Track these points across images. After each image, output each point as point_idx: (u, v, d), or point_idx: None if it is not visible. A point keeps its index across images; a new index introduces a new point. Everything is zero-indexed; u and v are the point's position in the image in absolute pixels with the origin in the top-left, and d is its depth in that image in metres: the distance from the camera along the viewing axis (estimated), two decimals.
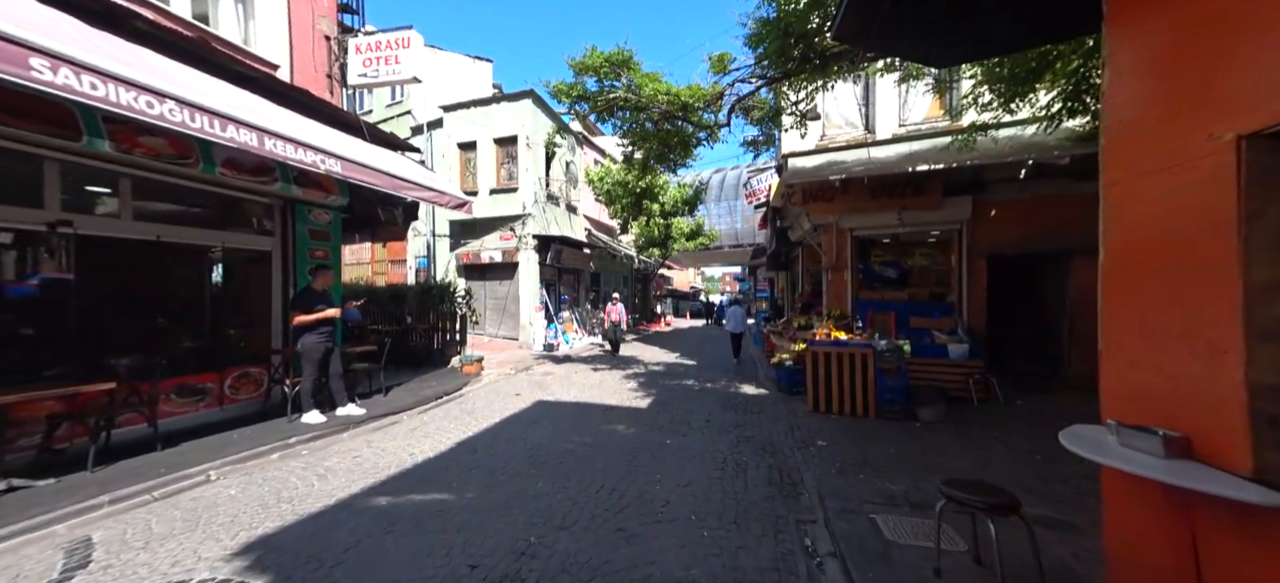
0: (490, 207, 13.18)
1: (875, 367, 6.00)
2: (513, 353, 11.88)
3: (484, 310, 14.11)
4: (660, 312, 31.50)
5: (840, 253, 8.54)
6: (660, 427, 5.63)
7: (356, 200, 6.48)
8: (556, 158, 14.80)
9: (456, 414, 6.03)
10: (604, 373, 9.60)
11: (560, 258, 14.13)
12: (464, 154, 13.62)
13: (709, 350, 14.13)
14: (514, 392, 7.38)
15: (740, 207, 31.57)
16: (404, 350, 8.09)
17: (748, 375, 9.62)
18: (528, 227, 13.06)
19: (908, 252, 10.99)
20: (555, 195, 14.38)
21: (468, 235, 13.91)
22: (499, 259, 13.28)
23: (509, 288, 13.59)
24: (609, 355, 12.13)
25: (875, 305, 8.17)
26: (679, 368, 10.55)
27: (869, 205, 7.65)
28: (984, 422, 5.48)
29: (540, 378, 8.79)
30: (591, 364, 10.78)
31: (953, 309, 7.62)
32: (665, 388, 8.09)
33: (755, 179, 8.59)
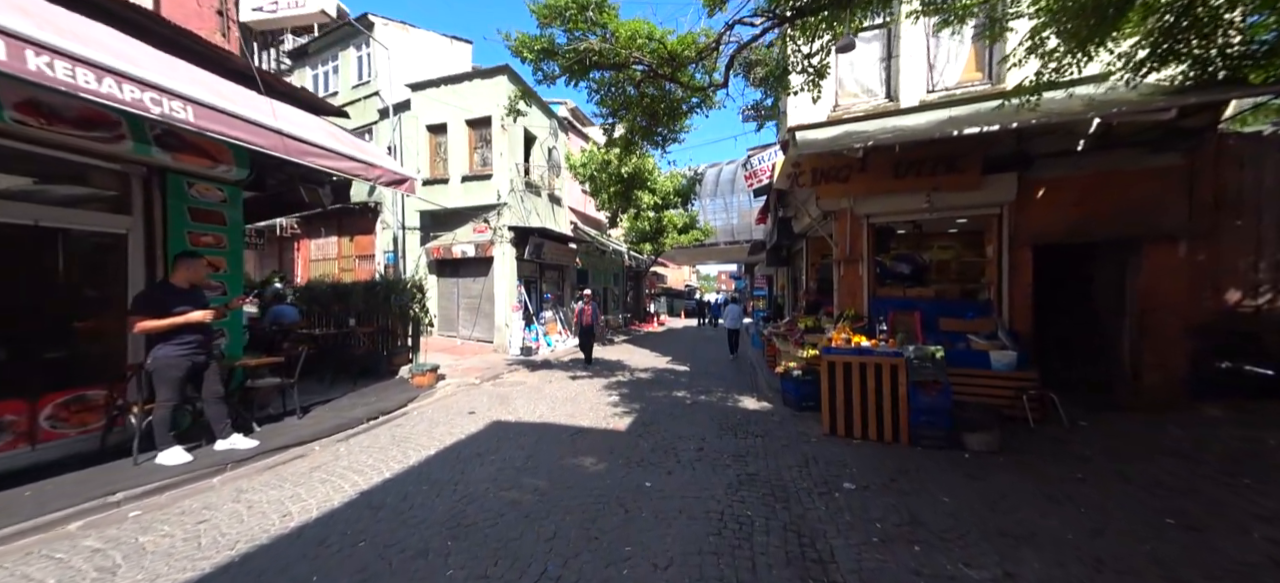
0: (463, 196, 11.91)
1: (908, 380, 4.83)
2: (485, 358, 10.63)
3: (456, 310, 12.85)
4: (654, 311, 30.32)
5: (854, 244, 7.36)
6: (639, 460, 4.42)
7: (266, 174, 5.22)
8: (538, 144, 13.54)
9: (385, 443, 4.79)
10: (583, 382, 8.39)
11: (541, 253, 12.89)
12: (433, 137, 12.34)
13: (703, 353, 12.93)
14: (468, 409, 6.14)
15: (736, 202, 30.46)
16: (346, 359, 6.83)
17: (746, 383, 8.44)
18: (503, 218, 11.80)
19: (923, 244, 9.87)
20: (535, 184, 13.13)
21: (439, 227, 12.64)
22: (472, 254, 12.02)
23: (483, 285, 12.34)
24: (584, 364, 10.89)
25: (896, 304, 7.00)
26: (669, 375, 9.34)
27: (892, 186, 6.47)
28: (1052, 453, 4.31)
29: (507, 390, 7.55)
30: (570, 371, 9.56)
31: (990, 308, 6.45)
32: (651, 402, 6.89)
33: (756, 158, 7.43)
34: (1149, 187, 5.37)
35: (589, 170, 11.34)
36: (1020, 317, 6.16)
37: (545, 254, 13.24)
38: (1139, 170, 5.40)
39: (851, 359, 5.13)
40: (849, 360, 5.14)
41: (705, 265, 45.86)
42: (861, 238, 7.38)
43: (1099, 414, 5.26)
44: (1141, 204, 5.40)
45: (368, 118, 13.74)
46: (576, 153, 11.70)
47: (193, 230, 4.51)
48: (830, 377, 5.22)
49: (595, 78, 6.12)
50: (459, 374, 8.50)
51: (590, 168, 11.27)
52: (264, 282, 8.17)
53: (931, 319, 6.58)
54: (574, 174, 11.64)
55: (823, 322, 8.05)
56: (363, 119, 13.91)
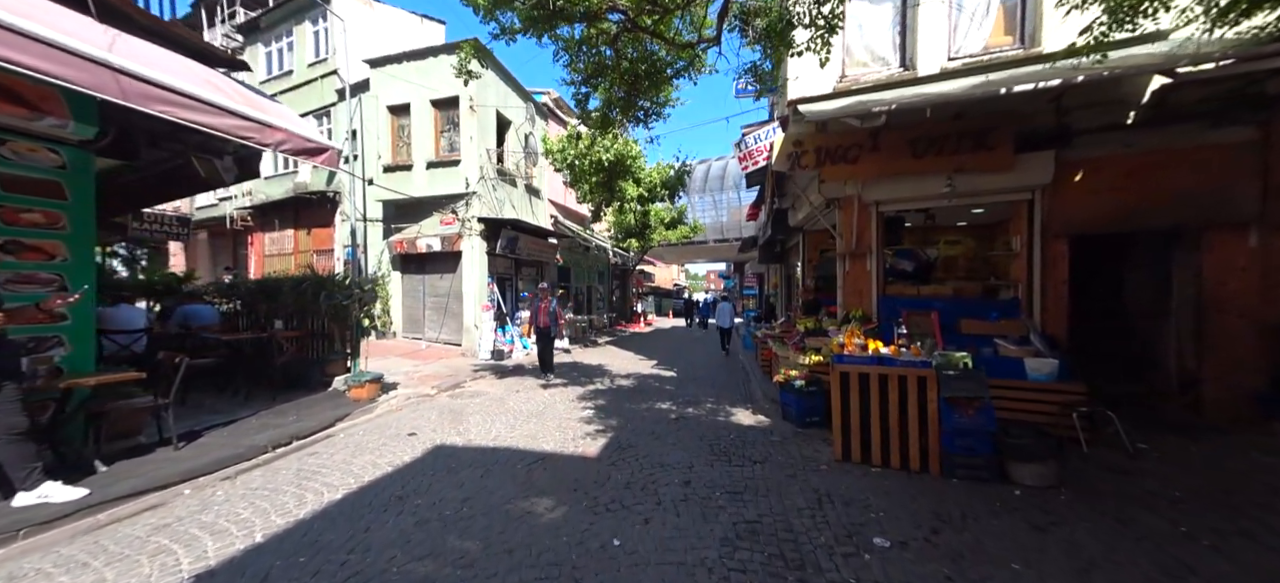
0: (428, 184, 10.80)
1: (938, 397, 3.96)
2: (450, 363, 9.56)
3: (422, 310, 11.72)
4: (640, 310, 29.38)
5: (862, 235, 6.51)
6: (609, 502, 3.47)
7: (134, 137, 4.11)
8: (514, 131, 12.48)
9: (284, 482, 3.75)
10: (555, 392, 7.39)
11: (515, 247, 11.84)
12: (395, 120, 11.19)
13: (691, 356, 12.02)
14: (409, 430, 5.10)
15: (726, 199, 29.70)
16: (267, 370, 5.72)
17: (739, 391, 7.54)
18: (472, 208, 10.73)
19: (927, 239, 9.09)
20: (509, 173, 12.07)
21: (403, 219, 11.51)
22: (438, 248, 10.91)
23: (451, 283, 11.24)
24: (562, 369, 9.91)
25: (909, 303, 6.16)
26: (653, 382, 8.40)
27: (907, 168, 5.61)
28: (1127, 491, 3.47)
29: (464, 403, 6.52)
30: (543, 379, 8.55)
31: (1017, 309, 5.64)
32: (631, 416, 5.93)
33: (751, 137, 6.54)
34: (1212, 166, 4.59)
35: (567, 157, 10.36)
36: (1054, 318, 5.35)
37: (521, 249, 12.19)
38: (1199, 147, 4.62)
39: (870, 370, 4.24)
40: (866, 371, 4.25)
41: (694, 264, 45.13)
42: (870, 228, 6.53)
43: (1154, 434, 4.46)
44: (1203, 187, 4.61)
45: (325, 99, 12.52)
46: (555, 139, 10.71)
47: (7, 205, 3.41)
48: (843, 391, 4.32)
49: (564, 34, 5.13)
50: (414, 383, 7.44)
51: (569, 154, 10.28)
52: (164, 279, 6.97)
53: (949, 321, 5.74)
54: (551, 161, 10.65)
55: (825, 323, 7.19)
56: (320, 100, 12.68)
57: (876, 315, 6.44)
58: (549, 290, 7.94)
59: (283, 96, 13.17)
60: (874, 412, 4.20)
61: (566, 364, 10.49)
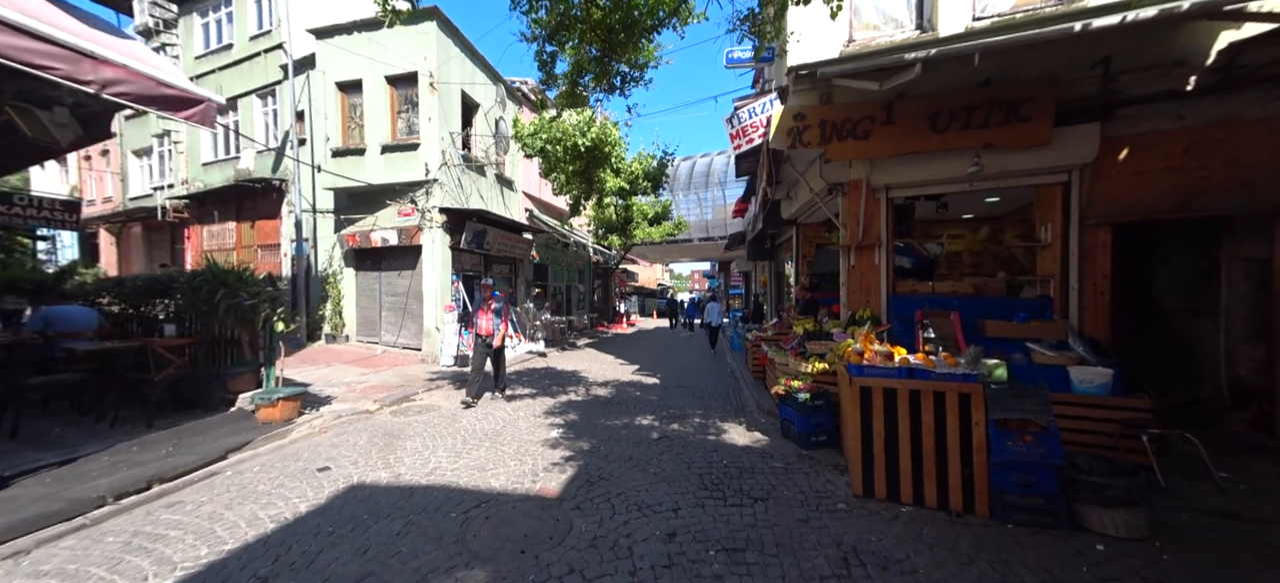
0: (383, 170, 9.65)
1: (986, 419, 3.15)
2: (406, 370, 8.47)
3: (378, 311, 10.55)
4: (624, 311, 28.46)
5: (870, 224, 5.72)
6: (564, 574, 2.54)
7: None
8: (483, 115, 11.40)
9: (108, 555, 2.70)
10: (519, 406, 6.41)
11: (483, 242, 10.78)
12: (346, 98, 10.01)
13: (676, 360, 11.16)
14: (323, 462, 4.07)
15: (710, 197, 29.04)
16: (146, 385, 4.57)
17: (729, 400, 6.69)
18: (434, 197, 9.64)
19: (930, 232, 8.41)
20: (477, 161, 11.00)
21: (357, 209, 10.32)
22: (394, 241, 9.78)
23: (410, 281, 10.12)
24: (533, 376, 8.95)
25: (925, 302, 5.39)
26: (634, 391, 7.48)
27: (927, 144, 4.82)
28: (1236, 540, 2.70)
29: (406, 422, 5.49)
30: (509, 388, 7.55)
31: (1048, 308, 4.92)
32: (605, 437, 5.01)
33: (745, 111, 5.70)
34: None
35: (539, 142, 9.38)
36: (1093, 319, 4.63)
37: (489, 244, 11.13)
38: (1273, 119, 3.93)
39: (898, 384, 3.41)
40: (893, 386, 3.42)
41: (678, 264, 44.45)
42: (878, 217, 5.74)
43: (1228, 459, 3.74)
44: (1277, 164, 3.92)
45: (270, 76, 11.23)
46: (527, 122, 9.71)
47: None
48: (864, 409, 3.48)
49: None
50: (355, 396, 6.36)
51: (541, 139, 9.31)
52: (30, 276, 5.71)
53: (969, 322, 4.97)
54: (522, 147, 9.66)
55: (826, 325, 6.39)
56: (265, 77, 11.38)
57: (886, 316, 5.66)
58: (492, 285, 6.93)
59: (222, 74, 11.83)
60: (903, 436, 3.37)
61: (539, 370, 9.50)
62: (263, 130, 11.59)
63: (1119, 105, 4.31)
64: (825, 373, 5.21)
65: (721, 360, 11.29)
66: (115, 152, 14.90)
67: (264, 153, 11.22)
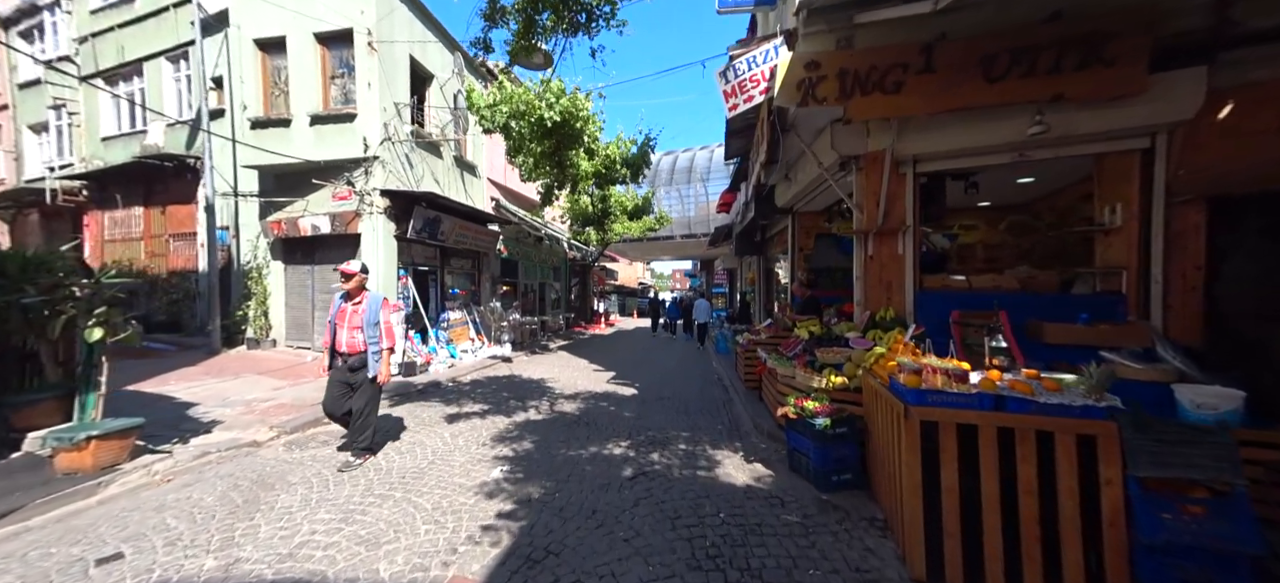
0: (314, 145, 8.17)
1: (1123, 475, 2.08)
2: None
3: (311, 311, 9.06)
4: (603, 310, 27.23)
5: (893, 205, 4.69)
6: None
7: None
8: (438, 88, 10.00)
9: None
10: (460, 429, 5.14)
11: (438, 232, 9.40)
12: (268, 59, 8.47)
13: (658, 366, 10.01)
14: (115, 545, 2.73)
15: (693, 193, 28.06)
16: None
17: (721, 418, 5.56)
18: (374, 178, 8.22)
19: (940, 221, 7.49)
20: (428, 138, 9.60)
21: (286, 192, 8.80)
22: (327, 229, 8.31)
23: None
24: (491, 387, 7.69)
25: (963, 300, 4.37)
26: (607, 406, 6.29)
27: (978, 95, 3.78)
28: None
29: (295, 462, 4.17)
30: (456, 404, 6.27)
31: (1119, 305, 3.95)
32: (564, 478, 3.81)
33: (743, 61, 4.56)
34: None
35: (500, 116, 8.09)
36: (1182, 321, 3.68)
37: (445, 234, 9.75)
38: None
39: (982, 419, 2.32)
40: (974, 420, 2.33)
41: (659, 262, 43.43)
42: (903, 196, 4.71)
43: None
44: None
45: (181, 35, 9.56)
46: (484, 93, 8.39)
47: None
48: (927, 453, 2.39)
49: None
50: (248, 420, 4.98)
51: (502, 112, 8.01)
52: None
53: (1020, 321, 3.97)
54: (480, 121, 8.35)
55: (837, 327, 5.33)
56: (175, 37, 9.70)
57: (912, 316, 4.63)
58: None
59: (124, 33, 10.08)
60: (988, 497, 2.29)
61: (499, 379, 8.21)
62: (175, 100, 9.90)
63: (1227, 46, 3.34)
64: (843, 389, 4.13)
65: (706, 363, 10.22)
66: (9, 126, 12.84)
67: (176, 126, 9.55)
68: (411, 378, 7.82)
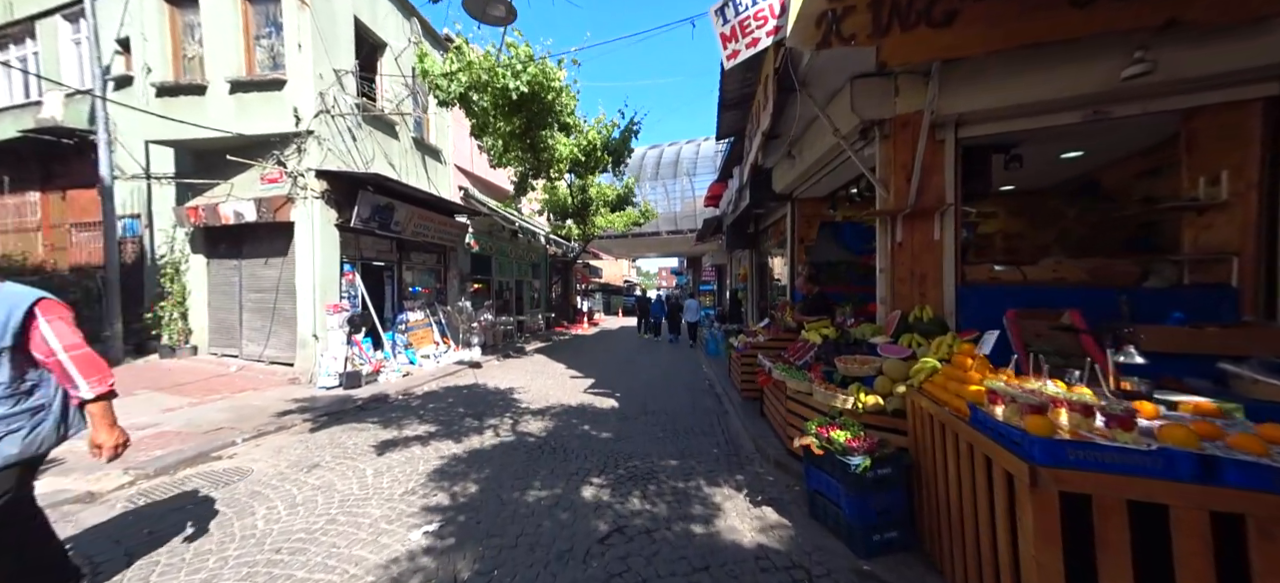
0: (234, 116, 6.92)
1: None
2: (258, 397, 5.88)
3: (238, 313, 7.79)
4: (587, 309, 26.13)
5: (929, 179, 3.80)
6: None
7: None
8: (392, 57, 8.80)
9: None
10: (390, 461, 4.07)
11: (391, 221, 8.23)
12: (178, 13, 7.15)
13: (643, 371, 9.03)
14: None
15: (679, 188, 27.13)
16: None
17: (716, 438, 4.59)
18: (309, 156, 7.03)
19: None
20: (380, 114, 8.42)
21: (208, 173, 7.51)
22: (252, 217, 7.07)
23: (279, 271, 7.44)
24: (448, 400, 6.64)
25: (1019, 296, 3.49)
26: (580, 425, 5.27)
27: (1059, 25, 2.87)
28: None
29: (112, 533, 3.05)
30: (397, 424, 5.17)
31: (1228, 300, 3.10)
32: (512, 536, 2.80)
33: None
34: None
35: (457, 86, 6.94)
36: None
37: (401, 224, 8.58)
38: None
39: (1175, 493, 1.36)
40: (1160, 494, 1.38)
41: (645, 259, 42.49)
42: (941, 168, 3.81)
43: None
44: None
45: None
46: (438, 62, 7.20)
47: None
48: (1074, 538, 1.43)
49: None
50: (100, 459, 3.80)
51: (460, 81, 6.86)
52: None
53: (1094, 321, 3.10)
54: (434, 93, 7.21)
55: (854, 331, 4.41)
56: None
57: (955, 317, 3.74)
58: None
59: None
60: None
61: (459, 389, 7.12)
62: (75, 66, 8.49)
63: None
64: (878, 412, 3.20)
65: (696, 367, 9.29)
66: None
67: (78, 97, 8.16)
68: (353, 391, 6.68)
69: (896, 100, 3.94)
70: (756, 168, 6.75)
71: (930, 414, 2.53)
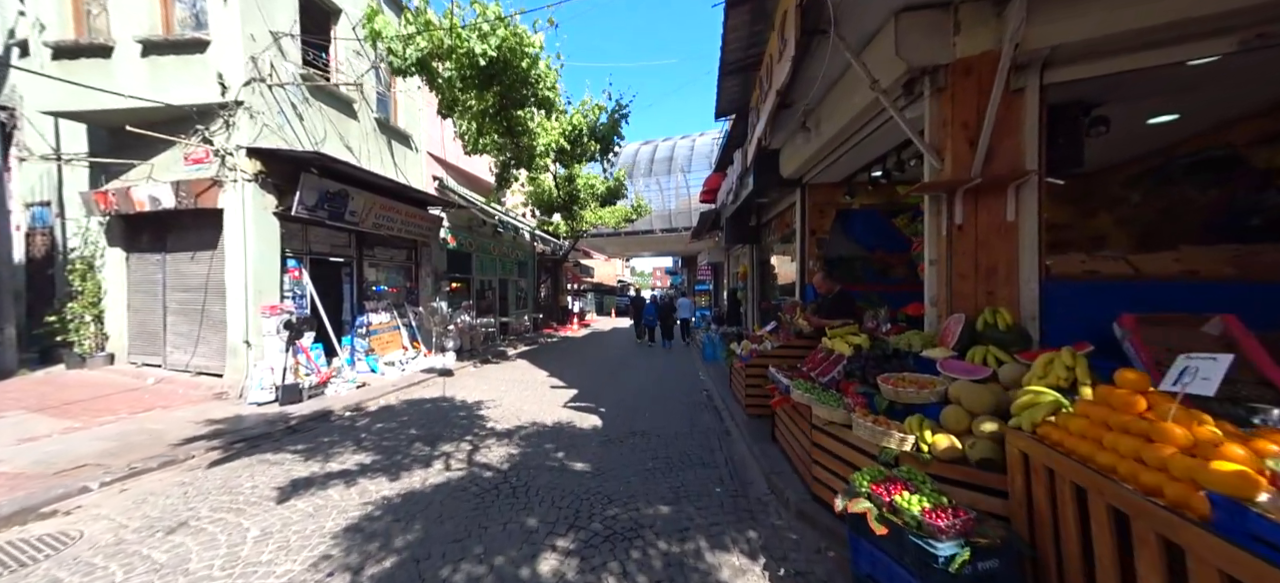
0: (148, 81, 5.85)
1: None
2: (165, 417, 4.85)
3: (162, 316, 6.72)
4: (578, 309, 25.11)
5: (1002, 140, 2.87)
6: None
7: None
8: (350, 26, 7.76)
9: None
10: (295, 510, 3.07)
11: (346, 211, 7.19)
12: None
13: (633, 378, 8.05)
14: None
15: (673, 185, 26.21)
16: None
17: (713, 465, 3.62)
18: (239, 132, 5.98)
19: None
20: (333, 89, 7.39)
21: (126, 152, 6.44)
22: (170, 202, 6.01)
23: (207, 267, 6.39)
24: (401, 419, 5.67)
25: (1134, 297, 2.56)
26: (553, 453, 4.28)
27: None
28: None
29: None
30: (324, 454, 4.16)
31: None
32: None
33: None
34: None
35: (416, 51, 5.93)
36: None
37: (358, 214, 7.55)
38: None
39: None
40: None
41: (639, 258, 41.53)
42: (1020, 127, 2.89)
43: None
44: None
45: None
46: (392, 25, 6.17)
47: None
48: None
49: None
50: None
51: (418, 47, 5.84)
52: None
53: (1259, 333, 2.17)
54: (390, 60, 6.19)
55: (897, 340, 3.47)
56: None
57: (1040, 321, 2.82)
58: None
59: None
60: None
61: (422, 404, 6.12)
62: None
63: None
64: (953, 458, 2.26)
65: (691, 372, 8.34)
66: None
67: None
68: (291, 407, 5.65)
69: (956, 40, 3.02)
70: (762, 148, 5.79)
71: (1069, 478, 1.59)
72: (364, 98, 8.16)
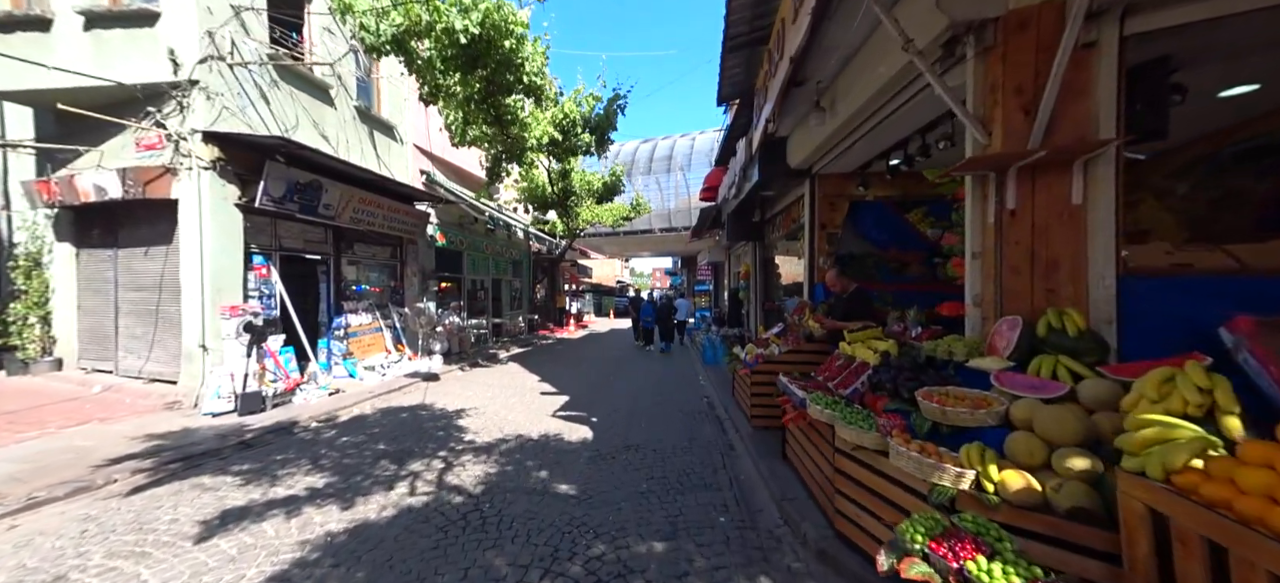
0: (91, 56, 5.31)
1: None
2: (105, 432, 4.32)
3: (114, 317, 6.17)
4: (575, 310, 24.58)
5: (1068, 107, 2.35)
6: None
7: None
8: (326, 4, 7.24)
9: None
10: (218, 552, 2.54)
11: (320, 203, 6.67)
12: None
13: (627, 383, 7.52)
14: None
15: (672, 184, 25.72)
16: None
17: (715, 487, 3.08)
18: (194, 114, 5.45)
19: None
20: (305, 73, 6.85)
21: (75, 138, 5.89)
22: (117, 192, 5.47)
23: (161, 264, 5.85)
24: (371, 432, 5.15)
25: (1244, 294, 2.04)
26: (535, 471, 3.76)
27: None
28: None
29: None
30: (272, 475, 3.63)
31: None
32: None
33: None
34: None
35: (390, 27, 5.42)
36: None
37: (334, 208, 7.02)
38: None
39: None
40: None
41: (638, 258, 41.01)
42: (1092, 88, 2.37)
43: None
44: None
45: None
46: None
47: None
48: None
49: None
50: None
51: (390, 23, 5.32)
52: None
53: None
54: (362, 37, 5.68)
55: (931, 346, 2.96)
56: None
57: (1117, 323, 2.30)
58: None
59: None
60: None
61: (401, 412, 5.59)
62: None
63: None
64: (1030, 503, 1.74)
65: (691, 376, 7.82)
66: None
67: None
68: (251, 417, 5.12)
69: None
70: (769, 134, 5.26)
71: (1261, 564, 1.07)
72: (341, 83, 7.64)
